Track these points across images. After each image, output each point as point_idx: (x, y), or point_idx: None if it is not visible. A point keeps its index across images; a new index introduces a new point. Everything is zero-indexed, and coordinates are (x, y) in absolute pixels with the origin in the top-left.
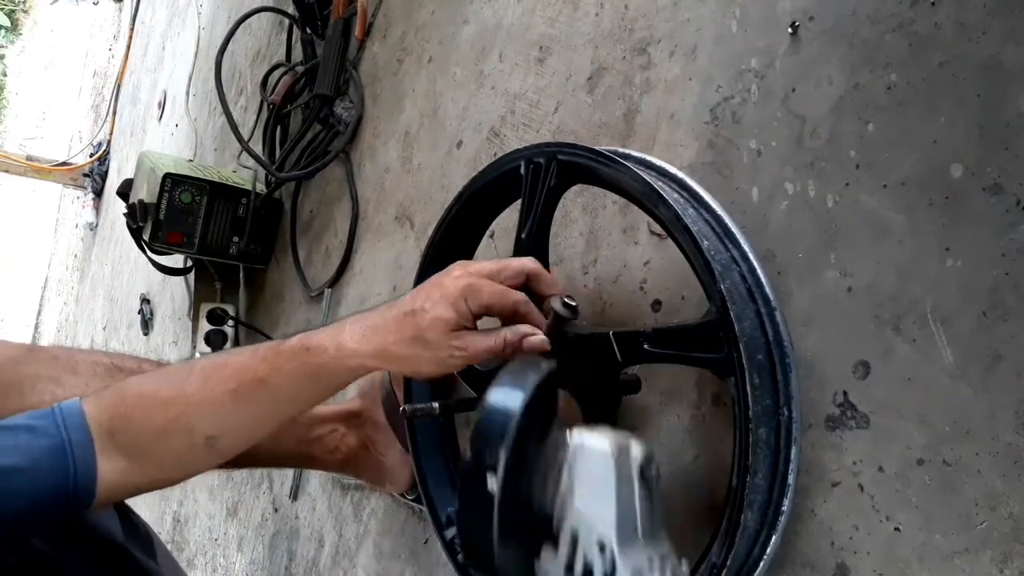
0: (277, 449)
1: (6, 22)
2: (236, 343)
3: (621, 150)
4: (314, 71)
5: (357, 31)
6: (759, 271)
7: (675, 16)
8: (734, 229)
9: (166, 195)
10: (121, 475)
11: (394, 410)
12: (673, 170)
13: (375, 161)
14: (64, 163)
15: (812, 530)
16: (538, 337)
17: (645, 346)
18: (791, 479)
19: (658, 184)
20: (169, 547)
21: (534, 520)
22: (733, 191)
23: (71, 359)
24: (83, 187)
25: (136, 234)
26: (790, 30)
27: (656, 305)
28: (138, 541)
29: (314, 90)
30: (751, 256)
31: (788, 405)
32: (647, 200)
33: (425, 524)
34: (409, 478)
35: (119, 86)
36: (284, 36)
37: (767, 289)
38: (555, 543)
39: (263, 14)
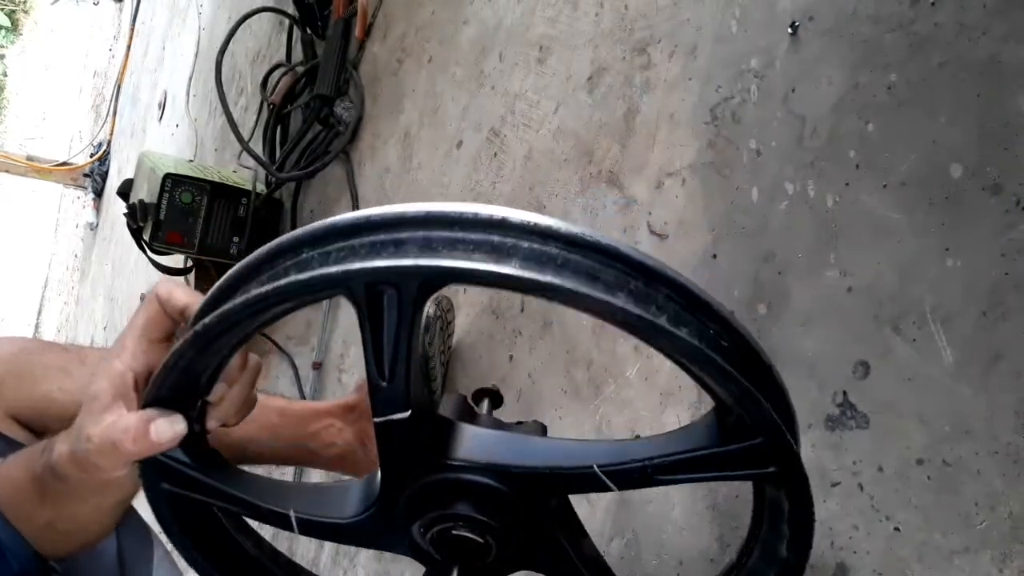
0: (275, 444)
1: (6, 22)
2: None
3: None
4: (314, 71)
5: (357, 31)
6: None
7: (675, 16)
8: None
9: (166, 195)
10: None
11: None
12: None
13: (375, 161)
14: (64, 163)
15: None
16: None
17: (659, 477)
18: None
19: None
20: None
21: None
22: (733, 191)
23: (81, 352)
24: (83, 187)
25: (136, 234)
26: (790, 30)
27: None
28: (135, 540)
29: (314, 90)
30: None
31: None
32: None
33: None
34: None
35: (119, 86)
36: (284, 36)
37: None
38: None
39: (263, 14)
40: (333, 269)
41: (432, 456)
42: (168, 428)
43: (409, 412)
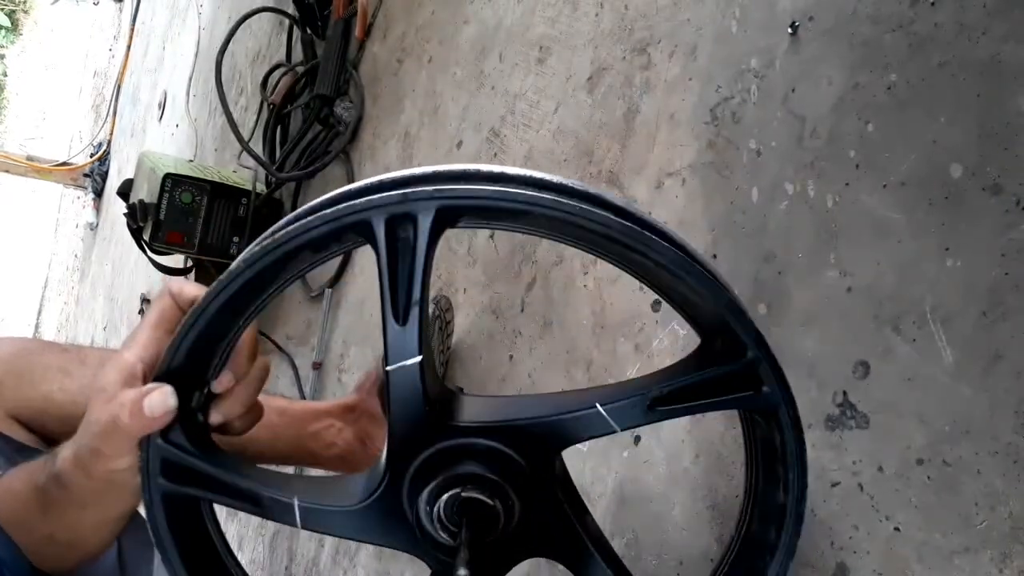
0: (275, 444)
1: (6, 22)
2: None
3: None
4: (314, 71)
5: (357, 31)
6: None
7: (675, 16)
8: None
9: (166, 195)
10: None
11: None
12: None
13: (375, 161)
14: (64, 163)
15: (812, 530)
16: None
17: (658, 408)
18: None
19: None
20: None
21: None
22: (733, 191)
23: (81, 352)
24: (83, 187)
25: (136, 234)
26: (790, 30)
27: (656, 305)
28: (136, 542)
29: (314, 90)
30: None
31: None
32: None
33: None
34: None
35: (119, 86)
36: (284, 36)
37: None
38: None
39: (263, 14)
40: (357, 201)
41: (438, 420)
42: (161, 401)
43: (420, 357)
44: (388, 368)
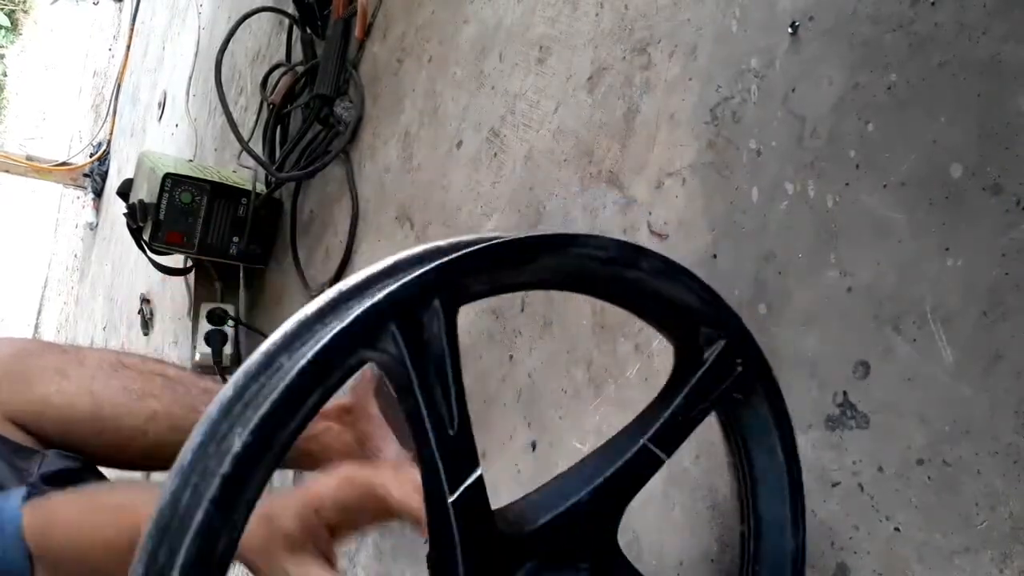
0: None
1: (6, 22)
2: (236, 343)
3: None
4: (314, 71)
5: (357, 31)
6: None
7: (675, 16)
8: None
9: (166, 195)
10: None
11: (388, 399)
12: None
13: (375, 161)
14: (64, 163)
15: (812, 530)
16: None
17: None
18: None
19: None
20: None
21: None
22: (733, 191)
23: (79, 353)
24: (83, 187)
25: (136, 234)
26: (790, 30)
27: None
28: None
29: (314, 90)
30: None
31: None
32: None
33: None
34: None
35: (119, 86)
36: (284, 36)
37: None
38: None
39: (263, 14)
40: (371, 301)
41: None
42: None
43: (479, 471)
44: (453, 501)
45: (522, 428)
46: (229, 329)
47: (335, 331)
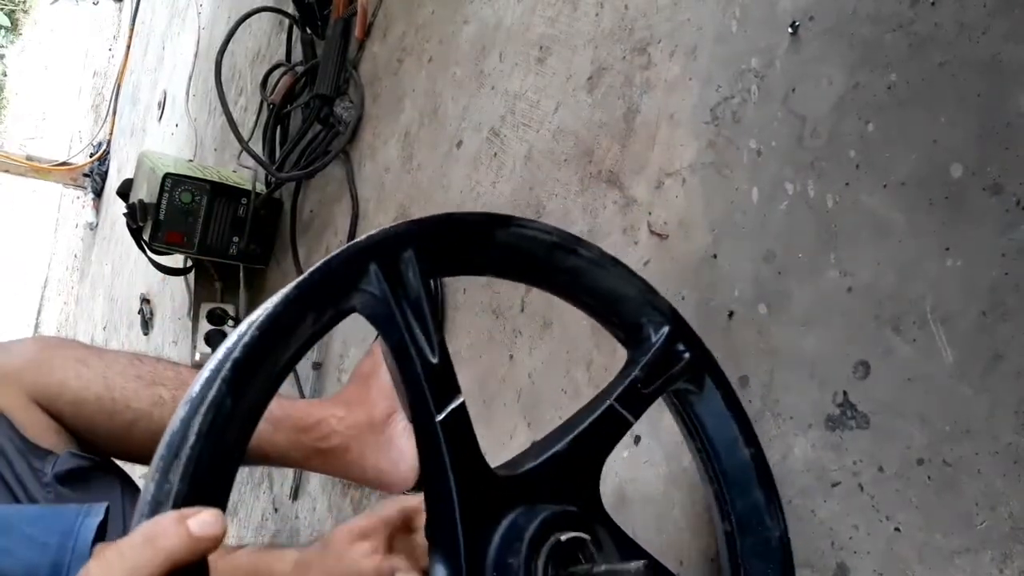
0: (274, 437)
1: (6, 22)
2: None
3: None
4: (314, 71)
5: (357, 31)
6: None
7: (675, 16)
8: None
9: (166, 195)
10: None
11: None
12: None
13: (375, 161)
14: (64, 163)
15: (812, 530)
16: None
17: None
18: None
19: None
20: None
21: None
22: (733, 191)
23: (100, 349)
24: (83, 187)
25: (136, 234)
26: (790, 30)
27: None
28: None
29: (314, 90)
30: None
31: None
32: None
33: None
34: (413, 469)
35: (119, 86)
36: (284, 36)
37: None
38: None
39: (263, 14)
40: (357, 244)
41: (485, 471)
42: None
43: (462, 397)
44: (440, 419)
45: (522, 428)
46: (229, 329)
47: (327, 260)
